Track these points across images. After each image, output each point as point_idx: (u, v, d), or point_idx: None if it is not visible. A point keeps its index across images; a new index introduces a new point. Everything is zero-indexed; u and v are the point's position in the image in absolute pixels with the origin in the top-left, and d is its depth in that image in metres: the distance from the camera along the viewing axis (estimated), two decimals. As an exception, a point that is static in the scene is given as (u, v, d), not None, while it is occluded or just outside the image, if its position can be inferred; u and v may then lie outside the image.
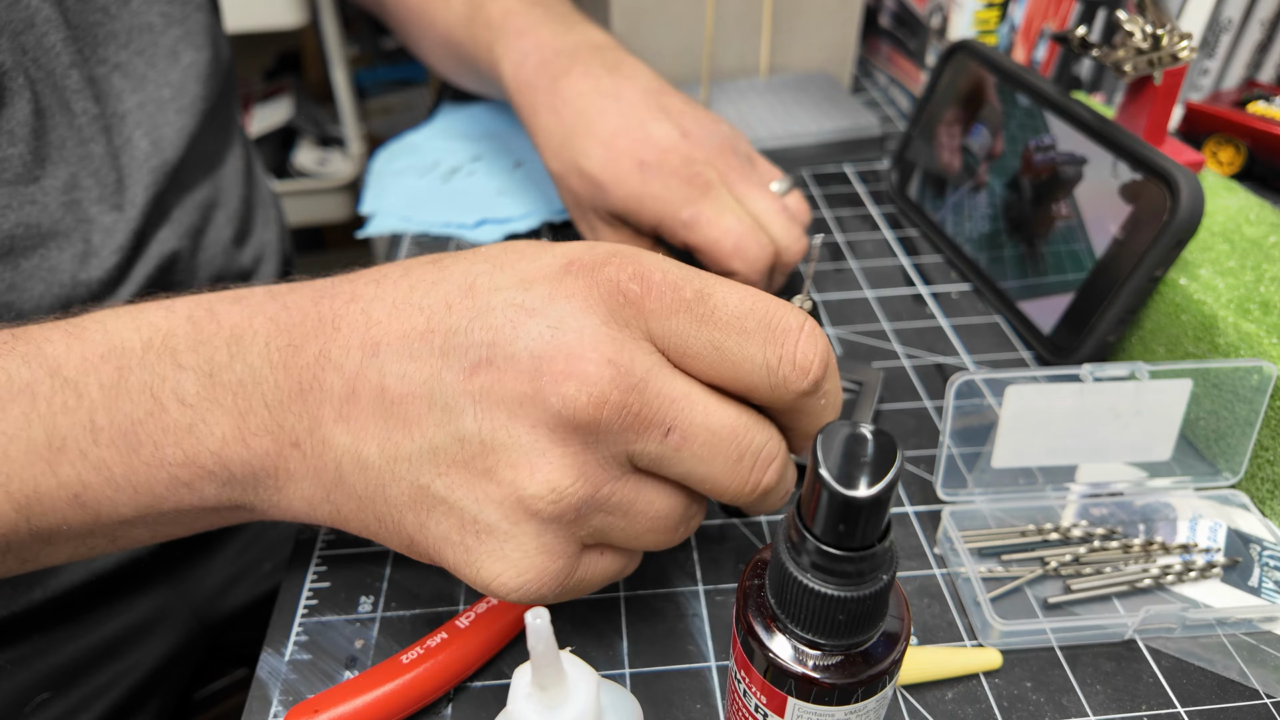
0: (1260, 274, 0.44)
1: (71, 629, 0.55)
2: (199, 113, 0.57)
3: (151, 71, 0.54)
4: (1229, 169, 0.63)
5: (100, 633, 0.56)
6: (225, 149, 0.64)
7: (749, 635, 0.24)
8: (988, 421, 0.40)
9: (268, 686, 0.35)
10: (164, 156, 0.53)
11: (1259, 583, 0.37)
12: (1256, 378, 0.38)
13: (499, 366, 0.24)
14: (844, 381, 0.47)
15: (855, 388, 0.46)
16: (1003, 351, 0.51)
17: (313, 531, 0.42)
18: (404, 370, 0.25)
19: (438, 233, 0.62)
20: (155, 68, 0.54)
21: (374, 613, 0.38)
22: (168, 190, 0.54)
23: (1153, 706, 0.34)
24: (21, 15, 0.44)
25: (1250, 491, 0.41)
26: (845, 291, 0.56)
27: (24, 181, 0.44)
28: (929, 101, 0.61)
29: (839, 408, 0.29)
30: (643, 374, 0.24)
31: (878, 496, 0.21)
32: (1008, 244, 0.53)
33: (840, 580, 0.22)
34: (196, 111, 0.57)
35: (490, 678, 0.35)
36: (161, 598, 0.59)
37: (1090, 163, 0.48)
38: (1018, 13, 0.68)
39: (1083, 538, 0.39)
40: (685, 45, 0.75)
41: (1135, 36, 0.48)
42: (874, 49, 0.84)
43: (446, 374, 0.25)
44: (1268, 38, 0.68)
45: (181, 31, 0.56)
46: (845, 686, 0.23)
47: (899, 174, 0.64)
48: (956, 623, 0.37)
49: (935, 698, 0.34)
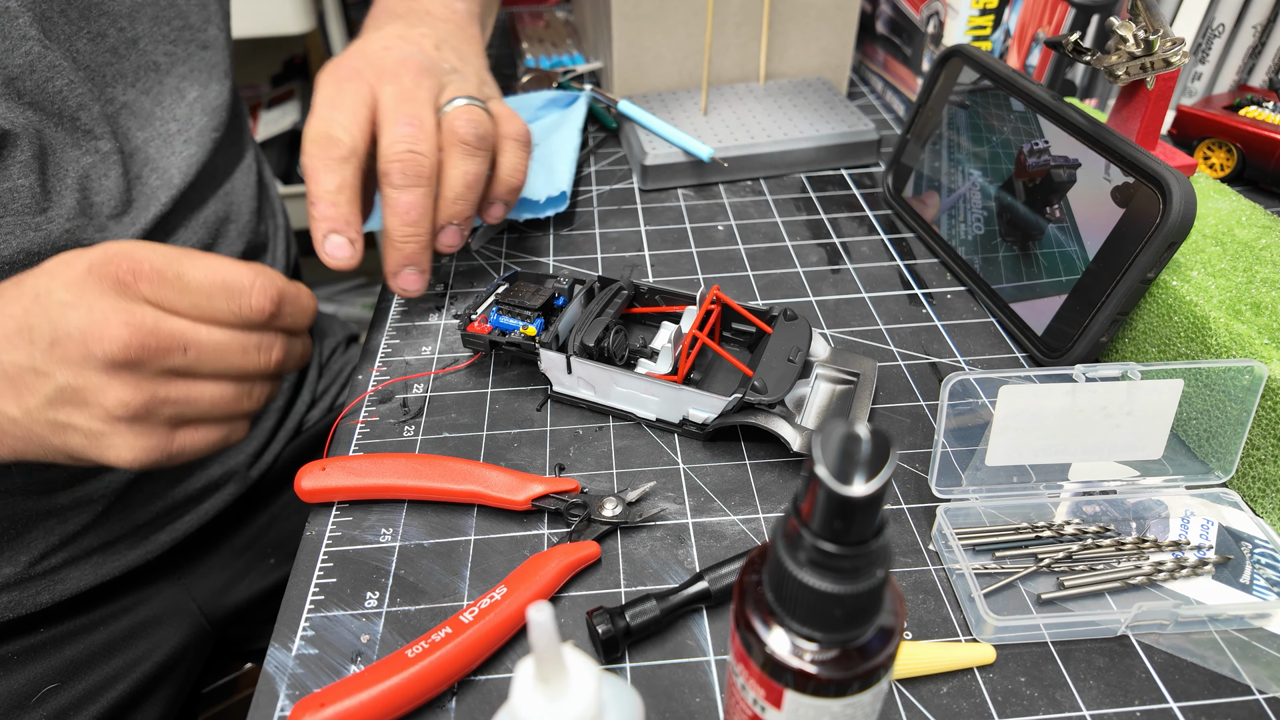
0: (1251, 275, 0.44)
1: (78, 625, 0.55)
2: (207, 142, 0.59)
3: (158, 109, 0.56)
4: (1221, 172, 0.64)
5: (107, 629, 0.57)
6: (235, 165, 0.65)
7: (747, 630, 0.25)
8: (982, 421, 0.41)
9: (275, 680, 0.36)
10: (171, 186, 0.55)
11: (1250, 580, 0.38)
12: (1247, 378, 0.39)
13: (63, 342, 0.37)
14: (841, 373, 0.48)
15: (853, 378, 0.47)
16: (996, 352, 0.52)
17: (318, 529, 0.42)
18: (12, 358, 0.38)
19: None
20: (161, 105, 0.56)
21: (379, 608, 0.38)
22: (173, 213, 0.56)
23: (1145, 702, 0.34)
24: (23, 61, 0.46)
25: (1241, 490, 0.42)
26: (841, 293, 0.57)
27: (32, 212, 0.47)
28: (924, 106, 0.62)
29: (308, 315, 0.44)
30: (151, 323, 0.38)
31: (873, 493, 0.21)
32: (1002, 246, 0.54)
33: (836, 576, 0.23)
34: (205, 141, 0.59)
35: (494, 672, 0.36)
36: (168, 595, 0.60)
37: (1083, 166, 0.49)
38: (1012, 18, 0.69)
39: (1076, 535, 0.40)
40: (685, 51, 0.75)
41: (1128, 42, 0.49)
42: (870, 54, 0.85)
43: (36, 354, 0.38)
44: (1259, 43, 0.68)
45: (186, 69, 0.58)
46: (841, 680, 0.24)
47: (894, 177, 0.65)
48: (951, 618, 0.37)
49: (930, 692, 0.35)
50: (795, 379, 0.43)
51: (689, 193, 0.69)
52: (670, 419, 0.46)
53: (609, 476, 0.44)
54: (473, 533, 0.42)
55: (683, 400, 0.45)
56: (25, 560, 0.51)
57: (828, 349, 0.48)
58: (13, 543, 0.51)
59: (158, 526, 0.58)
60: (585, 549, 0.39)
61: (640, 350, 0.50)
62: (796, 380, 0.44)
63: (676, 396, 0.45)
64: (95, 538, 0.54)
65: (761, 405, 0.43)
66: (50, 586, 0.53)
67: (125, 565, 0.56)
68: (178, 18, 0.58)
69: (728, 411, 0.43)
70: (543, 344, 0.46)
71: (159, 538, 0.58)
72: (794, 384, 0.43)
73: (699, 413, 0.45)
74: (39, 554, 0.52)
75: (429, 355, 0.53)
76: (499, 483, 0.42)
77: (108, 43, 0.52)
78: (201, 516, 0.60)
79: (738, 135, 0.70)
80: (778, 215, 0.66)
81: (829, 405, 0.47)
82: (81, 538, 0.54)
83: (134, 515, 0.56)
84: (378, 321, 0.57)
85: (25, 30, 0.46)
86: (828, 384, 0.48)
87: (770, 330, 0.47)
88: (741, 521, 0.42)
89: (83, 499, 0.53)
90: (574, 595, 0.39)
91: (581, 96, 0.76)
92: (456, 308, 0.57)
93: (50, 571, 0.53)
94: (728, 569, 0.37)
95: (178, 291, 0.38)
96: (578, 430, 0.47)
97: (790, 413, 0.44)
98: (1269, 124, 0.61)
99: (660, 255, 0.62)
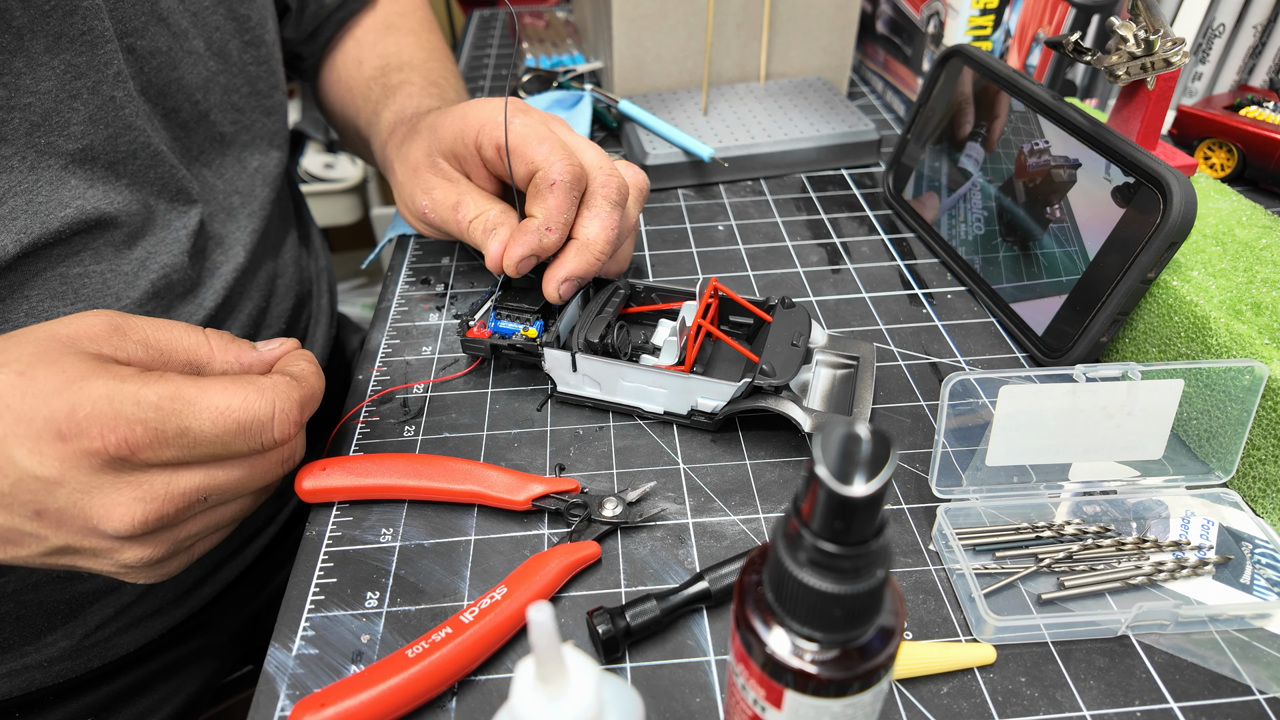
0: (1251, 276, 0.44)
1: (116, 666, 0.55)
2: (268, 212, 0.58)
3: (219, 182, 0.54)
4: (1221, 172, 0.64)
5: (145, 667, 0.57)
6: (288, 227, 0.64)
7: (747, 630, 0.25)
8: (982, 421, 0.41)
9: (275, 681, 0.36)
10: (235, 261, 0.54)
11: (1251, 580, 0.38)
12: (1248, 378, 0.39)
13: (54, 515, 0.33)
14: (840, 357, 0.48)
15: (852, 362, 0.48)
16: (997, 352, 0.52)
17: (319, 529, 0.42)
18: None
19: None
20: (223, 178, 0.55)
21: (380, 608, 0.38)
22: (234, 287, 0.55)
23: (1145, 702, 0.34)
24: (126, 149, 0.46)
25: (1242, 490, 0.42)
26: (842, 293, 0.57)
27: (106, 298, 0.46)
28: (924, 106, 0.62)
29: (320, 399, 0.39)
30: (163, 491, 0.33)
31: (873, 494, 0.21)
32: (1002, 246, 0.54)
33: (837, 576, 0.23)
34: (265, 212, 0.57)
35: (494, 672, 0.36)
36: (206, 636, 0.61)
37: (1083, 166, 0.49)
38: (1012, 19, 0.69)
39: (1076, 535, 0.40)
40: (685, 51, 0.75)
41: (1129, 42, 0.49)
42: (870, 55, 0.85)
43: (16, 519, 0.33)
44: (1260, 43, 0.68)
45: (249, 138, 0.57)
46: (842, 680, 0.24)
47: (895, 178, 0.65)
48: (951, 618, 0.37)
49: (930, 692, 0.35)
50: (801, 362, 0.44)
51: (689, 193, 0.69)
52: (678, 410, 0.47)
53: (609, 476, 0.44)
54: (473, 533, 0.42)
55: (692, 389, 0.45)
56: (80, 633, 0.52)
57: (825, 335, 0.49)
58: (69, 618, 0.51)
59: (203, 582, 0.58)
60: (585, 549, 0.39)
61: (642, 346, 0.50)
62: (801, 364, 0.44)
63: (685, 386, 0.45)
64: (147, 605, 0.55)
65: (770, 388, 0.43)
66: (102, 653, 0.53)
67: (172, 623, 0.57)
68: (246, 84, 0.56)
69: (737, 398, 0.44)
70: (545, 344, 0.46)
71: (203, 591, 0.58)
72: (800, 367, 0.44)
73: (708, 401, 0.45)
74: (94, 626, 0.52)
75: (429, 355, 0.53)
76: (499, 483, 0.42)
77: (180, 118, 0.51)
78: (243, 564, 0.61)
79: (738, 135, 0.69)
80: (778, 215, 0.66)
81: (832, 389, 0.47)
82: (135, 607, 0.54)
83: (184, 578, 0.56)
84: (378, 321, 0.57)
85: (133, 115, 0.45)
86: (828, 369, 0.48)
87: (770, 319, 0.48)
88: (742, 521, 0.42)
89: None
90: (574, 595, 0.39)
91: (585, 97, 0.76)
92: (457, 307, 0.57)
93: (103, 641, 0.53)
94: (728, 569, 0.37)
95: (187, 448, 0.33)
96: (578, 430, 0.47)
97: (797, 396, 0.44)
98: (1269, 124, 0.61)
99: (660, 255, 0.62)
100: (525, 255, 0.45)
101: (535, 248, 0.45)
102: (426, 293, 0.59)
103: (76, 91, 0.43)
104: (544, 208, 0.45)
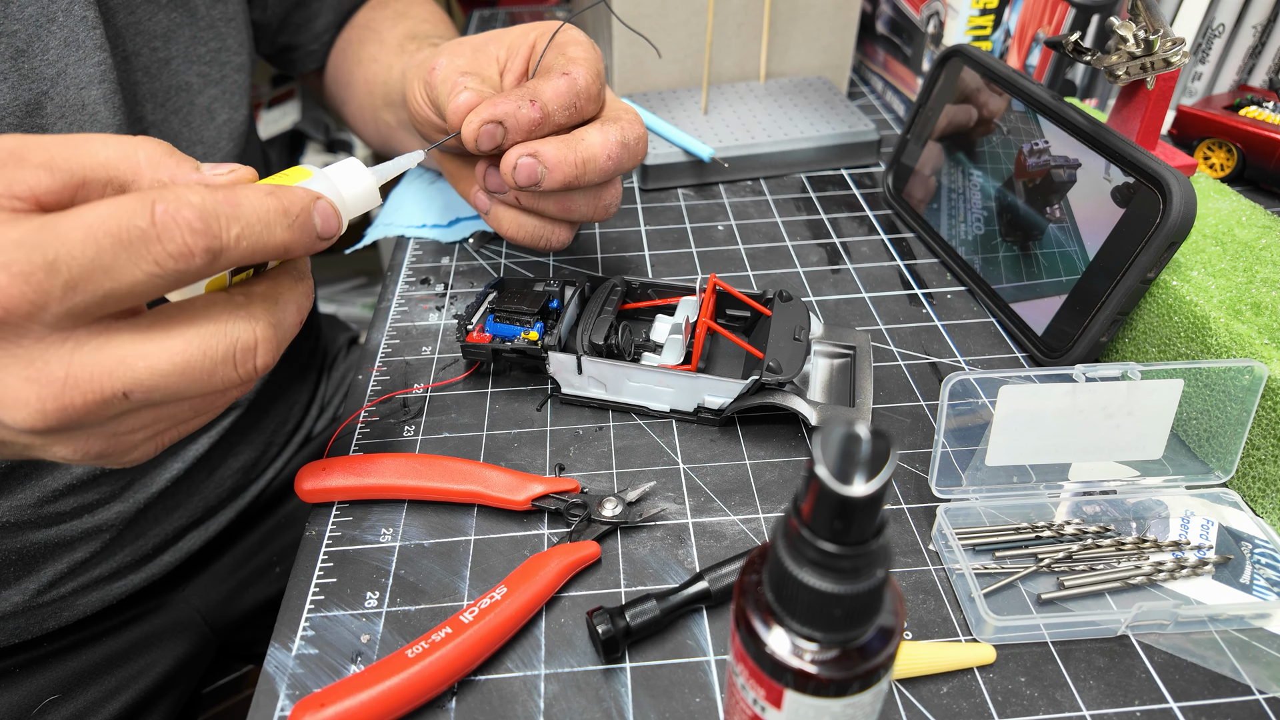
0: (1251, 276, 0.44)
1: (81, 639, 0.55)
2: None
3: (185, 129, 0.55)
4: (1221, 172, 0.64)
5: (111, 642, 0.56)
6: None
7: (747, 630, 0.25)
8: (982, 421, 0.41)
9: (275, 681, 0.36)
10: None
11: (1250, 580, 0.38)
12: (1248, 378, 0.39)
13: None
14: (836, 348, 0.49)
15: (849, 352, 0.48)
16: (997, 352, 0.52)
17: (318, 529, 0.42)
18: None
19: (414, 234, 0.64)
20: (190, 126, 0.55)
21: (379, 608, 0.38)
22: None
23: (1145, 701, 0.34)
24: (54, 71, 0.45)
25: (1241, 490, 0.42)
26: (842, 293, 0.57)
27: None
28: (924, 106, 0.62)
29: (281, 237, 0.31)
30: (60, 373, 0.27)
31: (873, 494, 0.21)
32: (1002, 246, 0.54)
33: (836, 576, 0.23)
34: None
35: (494, 672, 0.36)
36: (171, 608, 0.60)
37: (1083, 166, 0.49)
38: (1012, 19, 0.69)
39: (1076, 535, 0.40)
40: (686, 50, 0.75)
41: (1128, 42, 0.49)
42: (870, 54, 0.85)
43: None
44: (1259, 43, 0.68)
45: (218, 91, 0.57)
46: (841, 680, 0.24)
47: (894, 177, 0.65)
48: (951, 618, 0.37)
49: (930, 692, 0.35)
50: (805, 356, 0.44)
51: (689, 192, 0.69)
52: (684, 408, 0.47)
53: (609, 476, 0.44)
54: (473, 533, 0.42)
55: (699, 388, 0.46)
56: (33, 589, 0.51)
57: (820, 326, 0.49)
58: (22, 573, 0.51)
59: (164, 548, 0.58)
60: (585, 549, 0.39)
61: (644, 344, 0.50)
62: (805, 358, 0.44)
63: (693, 385, 0.45)
64: (104, 565, 0.54)
65: (776, 385, 0.43)
66: (57, 613, 0.53)
67: (131, 588, 0.56)
68: (215, 40, 0.57)
69: (744, 395, 0.44)
70: (548, 348, 0.46)
71: (164, 559, 0.58)
72: (804, 361, 0.44)
73: (715, 399, 0.46)
74: (48, 582, 0.52)
75: (429, 355, 0.53)
76: (499, 483, 0.42)
77: (140, 62, 0.51)
78: (206, 534, 0.60)
79: (738, 135, 0.69)
80: (778, 215, 0.66)
81: (830, 379, 0.48)
82: (90, 566, 0.53)
83: (142, 542, 0.56)
84: (377, 321, 0.57)
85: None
86: (825, 359, 0.49)
87: (769, 312, 0.48)
88: (741, 521, 0.42)
89: (92, 529, 0.52)
90: (574, 595, 0.39)
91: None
92: (457, 307, 0.57)
93: (58, 599, 0.53)
94: (728, 569, 0.37)
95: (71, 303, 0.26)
96: (578, 430, 0.47)
97: (800, 389, 0.44)
98: (1269, 124, 0.61)
99: (660, 255, 0.62)
100: (490, 119, 0.38)
101: (507, 114, 0.38)
102: (426, 293, 0.59)
103: (53, 15, 0.43)
104: (538, 85, 0.40)
